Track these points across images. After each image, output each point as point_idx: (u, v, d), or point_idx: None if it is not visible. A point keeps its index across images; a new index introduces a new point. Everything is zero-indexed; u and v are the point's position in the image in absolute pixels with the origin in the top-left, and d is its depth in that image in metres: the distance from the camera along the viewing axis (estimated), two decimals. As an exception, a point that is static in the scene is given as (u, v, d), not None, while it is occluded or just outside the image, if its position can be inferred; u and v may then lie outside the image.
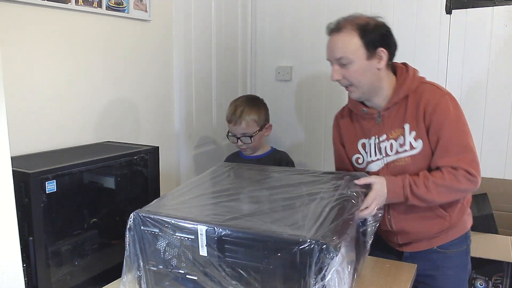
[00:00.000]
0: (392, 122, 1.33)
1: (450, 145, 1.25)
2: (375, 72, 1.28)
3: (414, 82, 1.31)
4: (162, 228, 1.01)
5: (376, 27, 1.27)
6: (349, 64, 1.26)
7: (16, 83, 1.39)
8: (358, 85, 1.29)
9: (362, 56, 1.25)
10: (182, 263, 1.01)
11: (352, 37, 1.25)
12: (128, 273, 1.06)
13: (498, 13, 2.10)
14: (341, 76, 1.29)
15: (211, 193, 1.24)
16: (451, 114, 1.26)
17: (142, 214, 1.03)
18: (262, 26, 2.69)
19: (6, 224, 0.92)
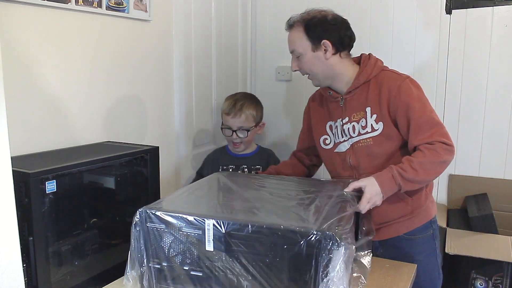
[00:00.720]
0: (354, 106, 1.43)
1: (421, 123, 1.33)
2: (324, 61, 1.40)
3: (375, 69, 1.41)
4: (169, 224, 1.02)
5: (319, 22, 1.39)
6: (300, 56, 1.42)
7: (16, 83, 1.39)
8: (312, 74, 1.45)
9: (308, 48, 1.40)
10: (187, 260, 1.02)
11: (299, 31, 1.40)
12: (132, 269, 1.07)
13: (498, 13, 2.10)
14: (297, 67, 1.45)
15: (212, 195, 1.25)
16: (414, 94, 1.36)
17: (148, 210, 1.04)
18: (262, 26, 2.69)
19: (6, 224, 0.92)
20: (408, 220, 1.45)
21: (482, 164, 2.24)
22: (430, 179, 1.39)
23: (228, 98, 1.92)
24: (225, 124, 1.86)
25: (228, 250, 0.98)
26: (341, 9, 2.40)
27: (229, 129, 1.85)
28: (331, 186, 1.29)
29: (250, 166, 1.89)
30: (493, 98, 2.17)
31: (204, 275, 1.01)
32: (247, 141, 1.89)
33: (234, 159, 1.92)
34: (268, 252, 0.94)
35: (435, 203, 1.55)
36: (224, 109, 1.88)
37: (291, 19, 1.46)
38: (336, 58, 1.42)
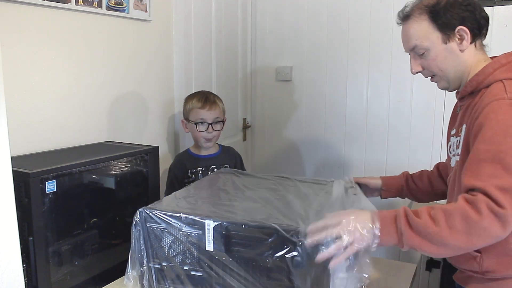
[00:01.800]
0: (462, 117, 1.14)
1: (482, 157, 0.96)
2: (459, 55, 1.11)
3: (491, 77, 1.07)
4: (169, 224, 1.02)
5: (447, 4, 1.09)
6: (426, 52, 1.13)
7: (16, 83, 1.39)
8: (441, 74, 1.15)
9: (437, 41, 1.11)
10: (187, 260, 1.02)
11: (422, 21, 1.11)
12: (132, 269, 1.07)
13: (498, 13, 2.10)
14: (421, 67, 1.16)
15: (213, 194, 1.25)
16: (499, 119, 0.97)
17: (148, 210, 1.04)
18: (262, 26, 2.69)
19: (6, 224, 0.92)
20: (479, 279, 1.09)
21: (482, 164, 2.24)
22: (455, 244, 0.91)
23: (194, 96, 1.85)
24: (198, 119, 1.79)
25: (228, 250, 0.98)
26: (341, 9, 2.42)
27: (204, 124, 1.81)
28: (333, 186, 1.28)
29: (218, 166, 1.86)
30: (493, 98, 2.17)
31: (204, 275, 1.01)
32: (217, 136, 1.86)
33: (200, 161, 1.86)
34: (268, 252, 0.94)
35: None
36: (196, 104, 1.81)
37: (406, 8, 1.16)
38: (472, 49, 1.12)
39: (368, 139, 2.46)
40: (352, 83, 2.45)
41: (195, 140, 1.86)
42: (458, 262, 1.14)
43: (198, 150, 1.88)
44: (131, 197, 1.56)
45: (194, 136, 1.84)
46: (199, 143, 1.85)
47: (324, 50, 2.50)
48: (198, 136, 1.82)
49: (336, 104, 2.52)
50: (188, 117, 1.82)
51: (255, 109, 2.81)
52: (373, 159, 2.45)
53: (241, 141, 2.76)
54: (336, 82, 2.51)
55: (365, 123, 2.45)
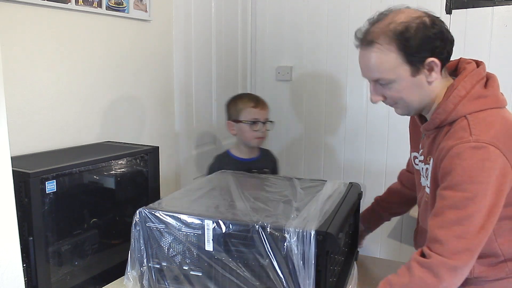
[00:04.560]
0: (428, 147, 1.09)
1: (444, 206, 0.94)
2: (426, 86, 1.02)
3: (453, 114, 0.99)
4: (168, 224, 1.02)
5: (417, 32, 0.97)
6: (390, 84, 1.02)
7: (16, 83, 1.39)
8: (405, 105, 1.06)
9: (405, 74, 0.99)
10: (187, 259, 1.02)
11: (388, 52, 0.98)
12: (132, 269, 1.08)
13: (498, 13, 2.10)
14: (383, 97, 1.06)
15: (213, 195, 1.25)
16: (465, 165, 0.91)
17: (148, 210, 1.04)
18: (262, 26, 2.69)
19: (6, 224, 0.92)
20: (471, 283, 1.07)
21: (482, 164, 2.24)
22: None
23: (241, 96, 1.88)
24: (252, 118, 1.79)
25: (227, 250, 0.98)
26: (341, 9, 2.42)
27: (257, 123, 1.80)
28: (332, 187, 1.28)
29: (259, 170, 1.86)
30: (493, 98, 2.17)
31: (203, 275, 1.02)
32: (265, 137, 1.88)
33: (242, 164, 1.86)
34: (266, 251, 0.95)
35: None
36: (249, 104, 1.82)
37: (366, 32, 1.03)
38: (439, 79, 1.02)
39: (368, 139, 2.46)
40: (352, 83, 2.45)
41: (245, 141, 1.83)
42: None
43: (241, 152, 1.86)
44: (131, 197, 1.56)
45: (245, 136, 1.82)
46: (250, 144, 1.84)
47: (324, 50, 2.50)
48: (250, 136, 1.81)
49: (336, 104, 2.52)
50: (239, 118, 1.81)
51: (255, 109, 2.81)
52: (373, 159, 2.45)
53: (241, 141, 2.76)
54: (336, 82, 2.51)
55: (365, 123, 2.45)
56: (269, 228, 0.94)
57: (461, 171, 0.92)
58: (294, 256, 0.92)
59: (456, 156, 0.93)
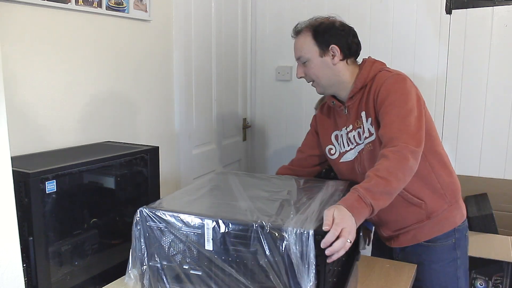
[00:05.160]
0: (355, 112, 1.40)
1: (393, 119, 1.25)
2: (331, 67, 1.38)
3: (372, 71, 1.38)
4: (169, 223, 1.02)
5: (327, 27, 1.38)
6: (307, 62, 1.39)
7: (16, 83, 1.39)
8: (318, 81, 1.41)
9: (315, 54, 1.38)
10: (187, 259, 1.03)
11: (307, 37, 1.38)
12: (133, 268, 1.08)
13: (498, 13, 2.10)
14: (303, 73, 1.43)
15: (213, 194, 1.26)
16: (398, 87, 1.29)
17: (148, 209, 1.04)
18: (262, 26, 2.69)
19: (6, 224, 0.92)
20: (425, 225, 1.39)
21: (482, 164, 2.24)
22: (401, 187, 1.19)
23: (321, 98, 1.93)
24: None
25: (227, 250, 0.98)
26: (341, 9, 2.42)
27: None
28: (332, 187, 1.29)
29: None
30: (493, 98, 2.17)
31: (203, 274, 1.02)
32: None
33: None
34: (266, 252, 0.95)
35: (462, 209, 1.45)
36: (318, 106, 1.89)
37: (298, 25, 1.43)
38: (343, 64, 1.39)
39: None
40: (352, 83, 2.45)
41: None
42: (407, 222, 1.40)
43: None
44: (131, 197, 1.56)
45: None
46: None
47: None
48: None
49: (336, 104, 2.52)
50: None
51: (255, 109, 2.81)
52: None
53: (241, 141, 2.76)
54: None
55: (365, 123, 2.45)
56: (267, 227, 0.94)
57: (395, 92, 1.28)
58: (292, 255, 0.92)
59: (390, 84, 1.30)
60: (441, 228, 1.40)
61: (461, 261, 1.44)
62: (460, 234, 1.43)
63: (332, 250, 0.93)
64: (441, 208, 1.39)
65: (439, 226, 1.39)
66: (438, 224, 1.39)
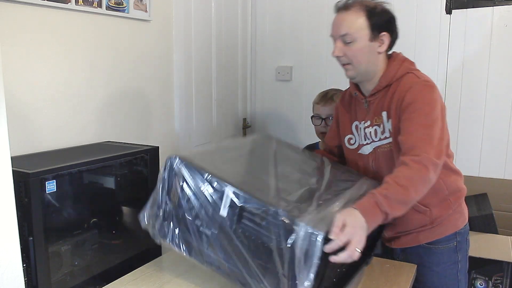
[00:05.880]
0: (376, 109, 1.35)
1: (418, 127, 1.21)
2: (375, 55, 1.30)
3: (400, 71, 1.31)
4: (193, 178, 1.03)
5: (383, 12, 1.29)
6: (352, 42, 1.28)
7: (16, 83, 1.39)
8: (356, 65, 1.31)
9: (365, 37, 1.27)
10: (200, 215, 1.04)
11: (359, 16, 1.27)
12: (150, 208, 1.11)
13: (498, 13, 2.10)
14: (343, 53, 1.30)
15: (246, 161, 1.25)
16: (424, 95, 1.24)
17: (179, 159, 1.06)
18: (262, 26, 2.69)
19: (6, 224, 0.92)
20: (428, 230, 1.38)
21: (482, 164, 2.24)
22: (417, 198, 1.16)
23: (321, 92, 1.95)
24: (315, 113, 1.87)
25: (239, 221, 0.98)
26: (341, 9, 2.42)
27: (318, 118, 1.85)
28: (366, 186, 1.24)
29: None
30: (493, 98, 2.17)
31: (212, 236, 1.02)
32: None
33: None
34: (274, 236, 0.94)
35: (465, 212, 1.44)
36: (315, 99, 1.90)
37: (346, 1, 1.32)
38: (383, 55, 1.33)
39: (368, 139, 2.46)
40: (352, 83, 2.45)
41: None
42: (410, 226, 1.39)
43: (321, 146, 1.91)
44: (131, 197, 1.56)
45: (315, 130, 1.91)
46: (319, 138, 1.92)
47: (324, 50, 2.50)
48: (316, 130, 1.89)
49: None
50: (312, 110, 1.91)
51: (255, 109, 2.81)
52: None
53: (241, 141, 2.76)
54: (336, 82, 2.50)
55: (365, 123, 2.45)
56: (281, 215, 0.94)
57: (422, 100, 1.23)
58: (298, 250, 0.92)
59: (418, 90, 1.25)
60: (443, 231, 1.39)
61: (462, 264, 1.43)
62: (461, 237, 1.42)
63: (337, 260, 0.92)
64: (445, 214, 1.38)
65: (441, 229, 1.38)
66: (440, 228, 1.38)
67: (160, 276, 1.24)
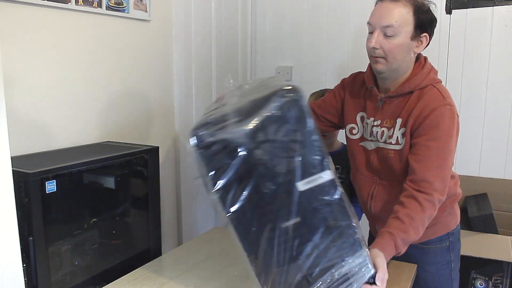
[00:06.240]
0: (390, 112, 1.30)
1: (432, 156, 1.20)
2: (410, 54, 1.25)
3: (425, 81, 1.26)
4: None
5: (428, 11, 1.24)
6: (393, 36, 1.21)
7: (16, 83, 1.39)
8: (391, 61, 1.24)
9: (408, 33, 1.21)
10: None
11: (407, 10, 1.20)
12: None
13: (498, 13, 2.10)
14: (380, 45, 1.23)
15: None
16: (444, 123, 1.21)
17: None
18: (262, 26, 2.69)
19: (6, 224, 0.92)
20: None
21: (482, 164, 2.24)
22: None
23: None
24: None
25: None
26: (341, 10, 2.42)
27: None
28: None
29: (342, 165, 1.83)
30: (493, 98, 2.17)
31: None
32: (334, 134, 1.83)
33: None
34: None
35: (457, 214, 1.47)
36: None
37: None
38: (414, 57, 1.29)
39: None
40: (352, 83, 2.45)
41: None
42: None
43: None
44: (131, 197, 1.56)
45: None
46: None
47: (324, 50, 2.50)
48: None
49: (336, 104, 2.52)
50: None
51: (255, 109, 2.80)
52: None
53: (241, 141, 2.76)
54: (336, 82, 2.50)
55: (365, 123, 2.45)
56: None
57: (443, 127, 1.21)
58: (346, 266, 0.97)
59: (440, 115, 1.21)
60: (435, 232, 1.40)
61: (455, 263, 1.45)
62: (454, 237, 1.44)
63: None
64: (440, 216, 1.36)
65: (433, 230, 1.39)
66: (433, 229, 1.38)
67: (160, 276, 1.24)
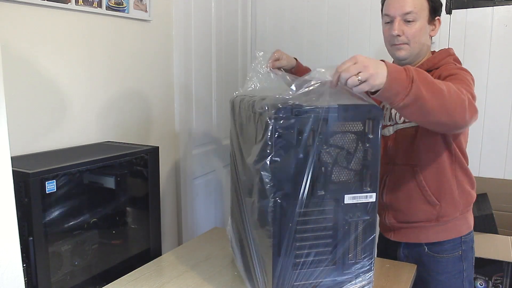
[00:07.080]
0: None
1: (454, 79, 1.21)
2: (427, 37, 1.36)
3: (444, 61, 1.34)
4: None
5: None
6: (414, 21, 1.31)
7: (16, 83, 1.39)
8: (413, 45, 1.33)
9: (425, 17, 1.32)
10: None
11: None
12: None
13: (498, 13, 2.10)
14: (402, 31, 1.32)
15: None
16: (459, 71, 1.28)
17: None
18: (262, 26, 2.69)
19: (6, 224, 0.92)
20: (431, 227, 1.38)
21: (482, 164, 2.24)
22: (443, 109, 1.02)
23: None
24: None
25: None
26: (341, 10, 2.42)
27: None
28: None
29: None
30: (493, 98, 2.17)
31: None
32: None
33: None
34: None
35: (470, 221, 1.45)
36: None
37: None
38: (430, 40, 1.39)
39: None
40: (352, 83, 2.45)
41: None
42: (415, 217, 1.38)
43: None
44: (131, 197, 1.56)
45: None
46: None
47: (324, 49, 2.50)
48: None
49: (336, 104, 2.51)
50: None
51: (255, 109, 2.80)
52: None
53: (241, 141, 2.76)
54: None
55: (365, 123, 2.45)
56: None
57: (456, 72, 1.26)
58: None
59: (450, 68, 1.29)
60: (446, 235, 1.38)
61: (467, 273, 1.43)
62: (466, 246, 1.42)
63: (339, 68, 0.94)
64: (452, 216, 1.37)
65: (444, 232, 1.38)
66: (444, 229, 1.38)
67: (160, 276, 1.24)
